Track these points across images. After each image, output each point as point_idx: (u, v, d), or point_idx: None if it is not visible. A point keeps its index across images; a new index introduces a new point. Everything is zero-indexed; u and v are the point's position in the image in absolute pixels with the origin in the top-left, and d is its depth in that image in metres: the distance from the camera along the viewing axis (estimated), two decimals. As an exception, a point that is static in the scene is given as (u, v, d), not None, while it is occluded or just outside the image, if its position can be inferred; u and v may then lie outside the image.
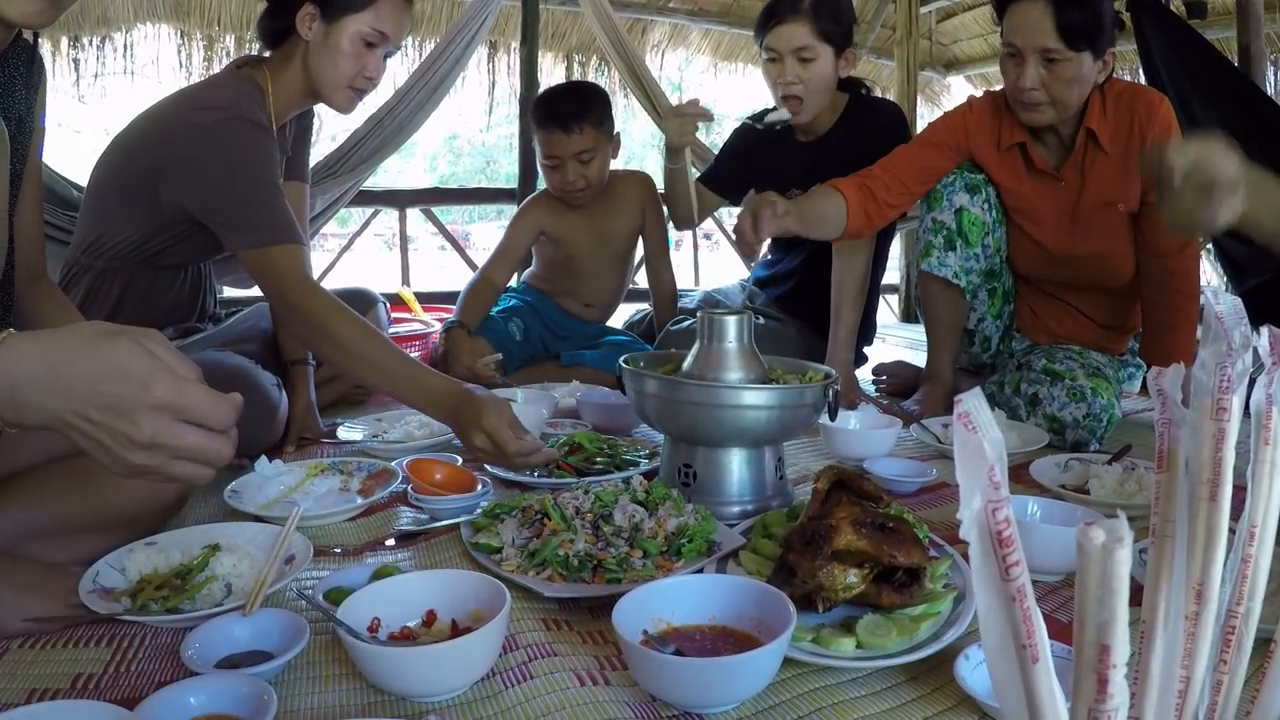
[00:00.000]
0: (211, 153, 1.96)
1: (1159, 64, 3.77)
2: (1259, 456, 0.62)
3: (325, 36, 2.07)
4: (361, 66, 2.10)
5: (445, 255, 6.40)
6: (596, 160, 2.98)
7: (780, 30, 2.67)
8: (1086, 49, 2.19)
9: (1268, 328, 0.64)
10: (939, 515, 1.79)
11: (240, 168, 1.96)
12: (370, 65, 2.12)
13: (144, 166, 2.04)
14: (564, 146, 2.93)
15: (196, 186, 1.98)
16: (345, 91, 2.13)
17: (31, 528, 1.37)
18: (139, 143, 2.10)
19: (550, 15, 5.80)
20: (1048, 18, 2.16)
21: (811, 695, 1.11)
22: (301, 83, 2.14)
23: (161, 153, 2.02)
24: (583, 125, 2.91)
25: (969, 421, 0.52)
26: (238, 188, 1.95)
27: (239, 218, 1.95)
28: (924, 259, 2.56)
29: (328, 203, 4.24)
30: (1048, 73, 2.22)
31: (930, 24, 6.71)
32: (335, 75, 2.10)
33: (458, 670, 1.10)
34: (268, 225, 1.94)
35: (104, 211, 2.17)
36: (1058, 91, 2.24)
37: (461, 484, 1.83)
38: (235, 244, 1.96)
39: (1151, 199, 2.31)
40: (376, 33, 2.08)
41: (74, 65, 5.13)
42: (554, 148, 2.96)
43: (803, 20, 2.64)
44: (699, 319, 1.76)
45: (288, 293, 1.91)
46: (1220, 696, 0.64)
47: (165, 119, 2.08)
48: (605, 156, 3.03)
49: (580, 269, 3.22)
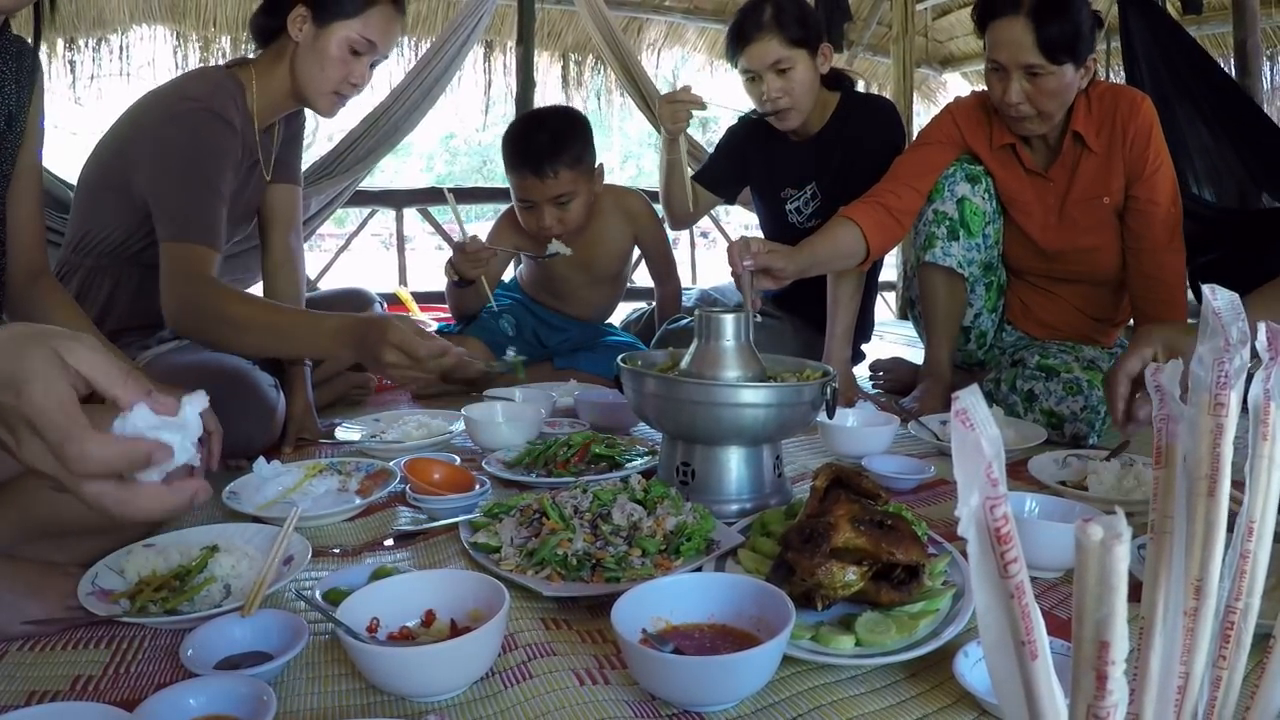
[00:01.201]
0: (172, 138, 1.99)
1: (1140, 58, 3.79)
2: (1257, 452, 0.62)
3: (314, 40, 2.07)
4: (347, 73, 2.11)
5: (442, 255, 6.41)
6: (576, 202, 2.79)
7: (752, 50, 2.65)
8: (1068, 60, 2.23)
9: (1266, 324, 0.64)
10: (937, 512, 1.79)
11: (189, 158, 1.98)
12: (356, 72, 2.12)
13: (122, 158, 2.07)
14: (538, 191, 2.75)
15: (151, 168, 2.01)
16: (329, 96, 2.15)
17: (29, 530, 1.37)
18: (120, 137, 2.12)
19: (546, 14, 5.81)
20: (1028, 34, 2.20)
21: (811, 693, 1.11)
22: (287, 83, 2.15)
23: (137, 142, 2.05)
24: (557, 168, 2.71)
25: (966, 418, 0.52)
26: (179, 178, 1.98)
27: (170, 205, 1.98)
28: (927, 250, 2.56)
29: (323, 203, 4.25)
30: (1032, 86, 2.27)
31: (926, 21, 6.73)
32: (321, 80, 2.11)
33: (457, 670, 1.10)
34: (192, 222, 1.96)
35: (89, 208, 2.18)
36: (1042, 104, 2.29)
37: (460, 484, 1.83)
38: (160, 230, 1.97)
39: (1136, 193, 2.39)
40: (365, 41, 2.09)
41: (70, 67, 5.13)
42: (527, 192, 2.78)
43: (770, 34, 2.62)
44: (697, 317, 1.76)
45: (185, 288, 1.92)
46: (1219, 692, 0.64)
47: (144, 111, 2.10)
48: (586, 195, 2.83)
49: (564, 291, 3.14)
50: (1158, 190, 2.37)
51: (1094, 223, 2.47)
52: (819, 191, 2.88)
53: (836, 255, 2.43)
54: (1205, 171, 3.72)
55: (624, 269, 3.26)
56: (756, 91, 2.72)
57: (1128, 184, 2.40)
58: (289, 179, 2.43)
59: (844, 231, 2.42)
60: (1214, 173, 3.70)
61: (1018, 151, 2.49)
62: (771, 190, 3.01)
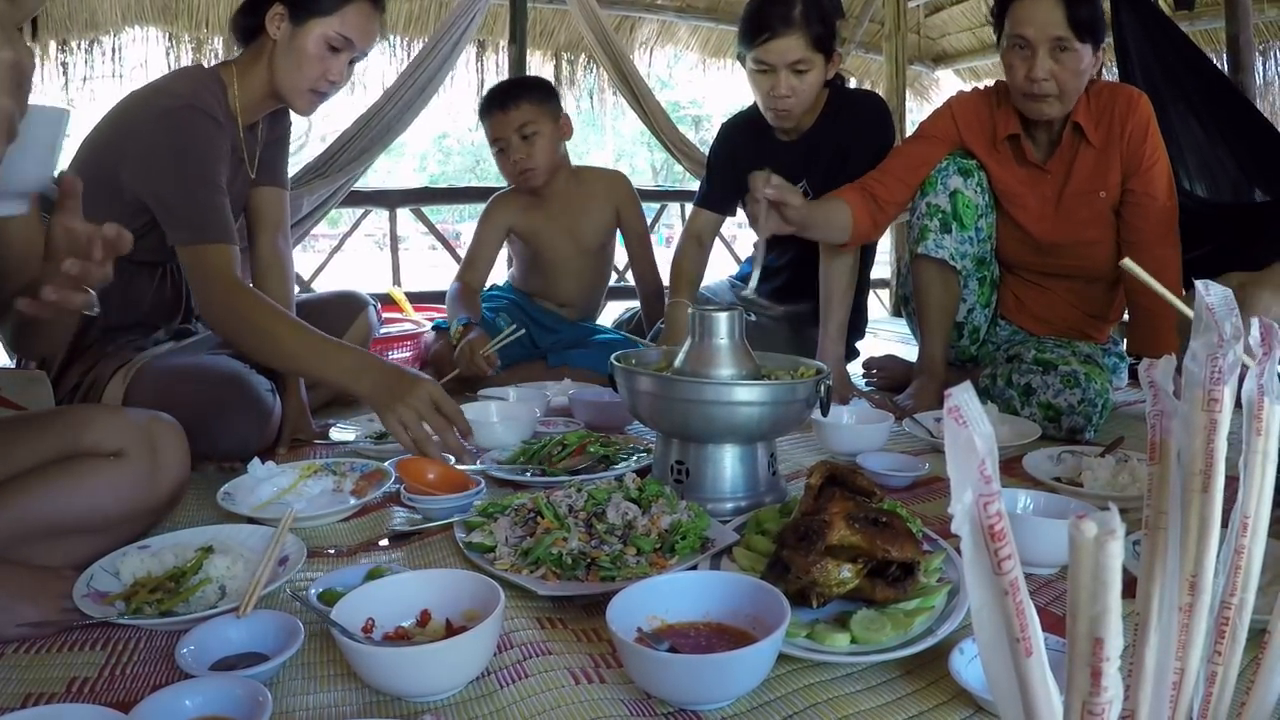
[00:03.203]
0: (163, 138, 2.01)
1: (1133, 54, 3.80)
2: (1251, 447, 0.62)
3: (292, 38, 2.09)
4: (325, 70, 2.12)
5: (436, 255, 6.38)
6: (540, 138, 2.97)
7: (774, 45, 2.59)
8: (1090, 41, 2.29)
9: (1259, 319, 0.64)
10: (932, 509, 1.79)
11: (187, 159, 2.00)
12: (334, 69, 2.14)
13: (108, 157, 2.06)
14: (504, 125, 2.96)
15: (148, 172, 2.02)
16: (306, 94, 2.16)
17: (23, 531, 1.37)
18: (105, 135, 2.12)
19: (538, 14, 5.80)
20: (1058, 10, 2.26)
21: (806, 691, 1.11)
22: (267, 82, 2.16)
23: (123, 141, 2.05)
24: (519, 102, 2.94)
25: (959, 415, 0.52)
26: (182, 180, 2.00)
27: (179, 212, 1.99)
28: (920, 243, 2.58)
29: (316, 203, 4.21)
30: (1056, 64, 2.30)
31: (919, 18, 6.72)
32: (298, 77, 2.12)
33: (453, 670, 1.10)
34: (205, 224, 1.99)
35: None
36: (1065, 81, 2.32)
37: (454, 484, 1.82)
38: (173, 238, 2.00)
39: (1133, 187, 2.43)
40: (342, 38, 2.10)
41: (62, 69, 5.10)
42: (496, 130, 2.99)
43: (796, 33, 2.57)
44: (690, 316, 1.76)
45: (218, 292, 1.95)
46: (1215, 688, 0.64)
47: (127, 110, 2.11)
48: (551, 137, 3.01)
49: (551, 266, 3.21)
50: (1154, 185, 2.39)
51: (1090, 216, 2.50)
52: (809, 189, 2.87)
53: (828, 224, 2.53)
54: (1198, 167, 3.72)
55: (606, 249, 3.31)
56: (765, 85, 2.68)
57: (1125, 178, 2.43)
58: (275, 182, 2.43)
59: (836, 206, 2.53)
60: (1206, 168, 3.71)
61: (1021, 143, 2.51)
62: None
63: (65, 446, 1.47)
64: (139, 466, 1.50)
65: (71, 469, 1.43)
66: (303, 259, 2.60)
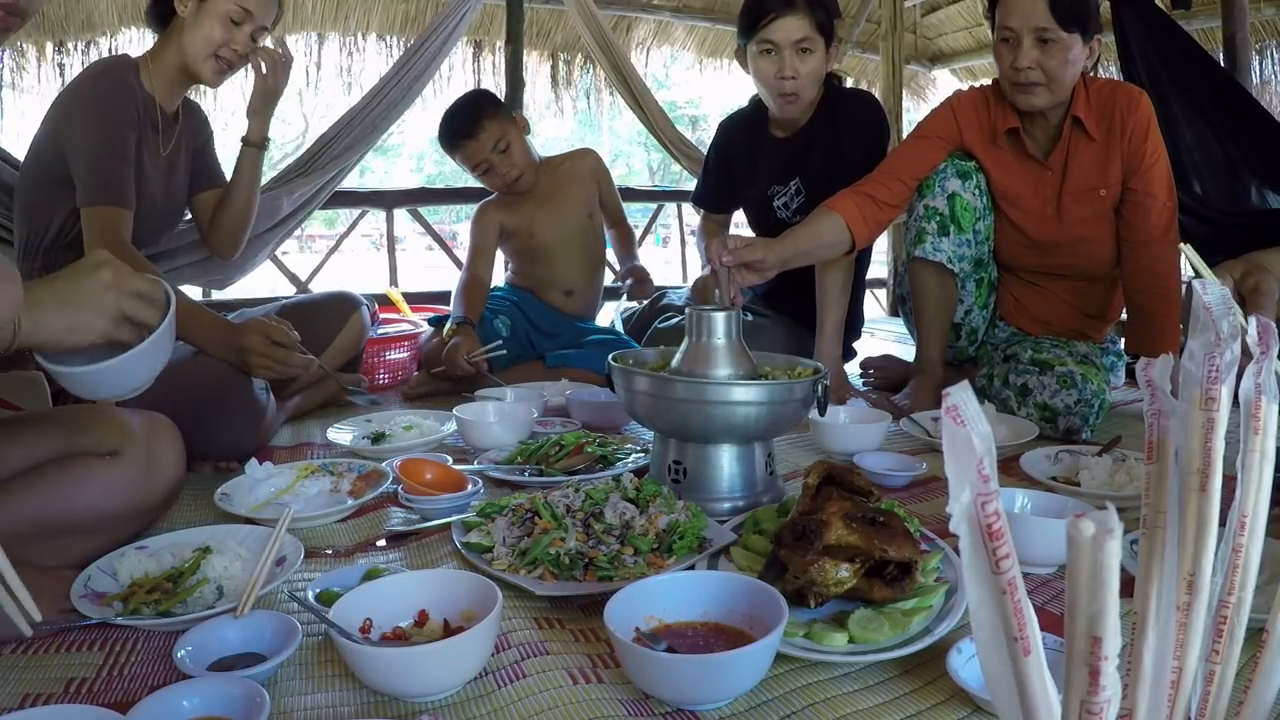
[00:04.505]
0: (79, 104, 2.21)
1: (1136, 53, 3.81)
2: (1248, 446, 0.62)
3: (197, 13, 2.28)
4: (227, 38, 2.31)
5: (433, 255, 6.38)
6: (514, 145, 3.08)
7: (780, 24, 2.60)
8: (1077, 30, 2.29)
9: (1255, 318, 0.64)
10: (930, 509, 1.79)
11: (96, 119, 2.18)
12: (237, 39, 2.32)
13: (49, 145, 2.23)
14: (479, 151, 3.05)
15: (69, 138, 2.19)
16: (211, 60, 2.32)
17: (20, 531, 1.36)
18: (45, 127, 2.28)
19: (535, 14, 5.80)
20: (1041, 1, 2.27)
21: (804, 690, 1.11)
22: (179, 57, 2.33)
23: (58, 126, 2.22)
24: (482, 123, 3.04)
25: (957, 415, 0.52)
26: (86, 140, 2.17)
27: (81, 170, 2.16)
28: (917, 245, 2.57)
29: (298, 203, 4.10)
30: (1041, 53, 2.31)
31: (915, 18, 6.73)
32: (202, 44, 2.29)
33: (450, 670, 1.10)
34: (101, 184, 2.15)
35: (27, 206, 2.35)
36: (1053, 70, 2.32)
37: (452, 484, 1.82)
38: (77, 197, 2.16)
39: (1133, 185, 2.42)
40: (242, 10, 2.30)
41: (59, 70, 5.10)
42: (473, 157, 3.08)
43: (802, 11, 2.59)
44: (687, 315, 1.76)
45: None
46: (1213, 687, 0.64)
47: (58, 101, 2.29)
48: (520, 140, 3.13)
49: (547, 250, 3.26)
50: (1154, 183, 2.39)
51: (1089, 214, 2.49)
52: (804, 187, 2.87)
53: (820, 245, 2.46)
54: (1197, 166, 3.73)
55: (594, 224, 3.36)
56: (771, 67, 2.66)
57: (1125, 177, 2.42)
58: (215, 184, 2.64)
59: (826, 222, 2.45)
60: (1207, 167, 3.71)
61: (1019, 137, 2.51)
62: (758, 186, 3.00)
63: (62, 447, 1.47)
64: (135, 466, 1.50)
65: (68, 469, 1.43)
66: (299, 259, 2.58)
